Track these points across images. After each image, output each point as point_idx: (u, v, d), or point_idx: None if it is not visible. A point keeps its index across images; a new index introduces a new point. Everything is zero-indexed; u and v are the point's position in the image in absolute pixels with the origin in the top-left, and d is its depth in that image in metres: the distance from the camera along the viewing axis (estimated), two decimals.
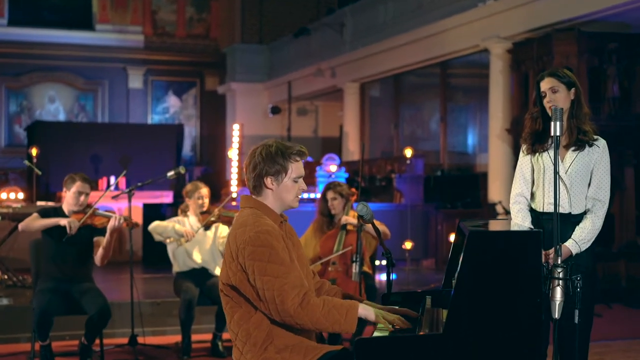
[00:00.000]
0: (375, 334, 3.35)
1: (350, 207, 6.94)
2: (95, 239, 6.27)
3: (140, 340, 6.97)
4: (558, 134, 3.76)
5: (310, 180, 12.75)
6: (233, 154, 12.83)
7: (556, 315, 3.49)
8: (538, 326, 2.91)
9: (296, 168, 3.54)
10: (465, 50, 13.10)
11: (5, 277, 9.22)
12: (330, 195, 6.91)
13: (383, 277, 9.81)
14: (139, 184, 7.16)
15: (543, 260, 3.34)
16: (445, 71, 14.94)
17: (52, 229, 6.15)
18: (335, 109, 19.54)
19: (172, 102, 21.99)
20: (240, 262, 3.36)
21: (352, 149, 16.40)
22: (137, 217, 11.62)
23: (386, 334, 3.32)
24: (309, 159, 16.52)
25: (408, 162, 12.52)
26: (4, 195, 10.38)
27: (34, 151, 10.73)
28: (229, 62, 21.04)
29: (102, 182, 12.72)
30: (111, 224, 6.09)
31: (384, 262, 10.47)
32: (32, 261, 6.36)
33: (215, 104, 21.46)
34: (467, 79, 15.60)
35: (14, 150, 19.40)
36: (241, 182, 12.66)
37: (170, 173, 7.01)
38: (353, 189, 7.14)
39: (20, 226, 6.24)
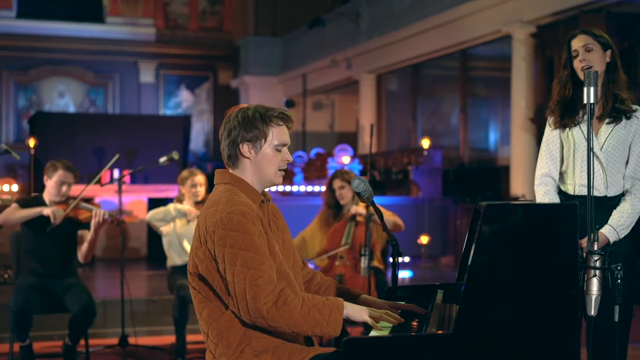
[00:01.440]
0: (372, 333, 2.77)
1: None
2: (79, 232, 5.75)
3: (132, 341, 6.47)
4: (592, 101, 3.19)
5: (321, 173, 12.21)
6: None
7: (592, 312, 2.90)
8: (574, 326, 2.29)
9: (278, 133, 3.02)
10: (486, 36, 12.62)
11: None
12: (337, 183, 6.37)
13: (402, 274, 9.28)
14: (130, 170, 6.63)
15: None
16: (465, 61, 14.40)
17: (32, 221, 5.62)
18: (352, 103, 19.08)
19: (184, 96, 21.58)
20: (209, 247, 2.84)
21: (368, 142, 15.84)
22: (142, 211, 11.14)
23: (385, 333, 2.74)
24: (320, 150, 16.02)
25: (425, 153, 11.97)
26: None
27: (31, 142, 10.25)
28: (242, 55, 20.70)
29: (105, 175, 12.23)
30: (94, 220, 5.58)
31: (403, 259, 10.01)
32: (12, 256, 5.90)
33: (228, 98, 20.98)
34: (489, 71, 15.08)
35: (23, 146, 18.95)
36: None
37: (163, 159, 6.48)
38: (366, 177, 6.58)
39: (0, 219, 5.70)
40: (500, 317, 2.30)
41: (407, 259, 10.63)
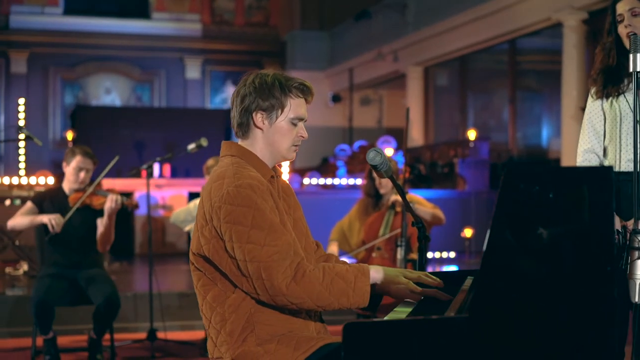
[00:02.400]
0: (390, 316, 2.47)
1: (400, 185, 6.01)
2: (98, 220, 5.53)
3: (161, 335, 6.26)
4: (639, 69, 2.84)
5: (365, 166, 11.88)
6: None
7: (637, 298, 2.56)
8: (608, 310, 1.96)
9: (296, 106, 2.76)
10: (536, 24, 12.22)
11: (25, 267, 8.62)
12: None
13: (447, 269, 8.95)
14: (158, 158, 6.45)
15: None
16: (514, 52, 13.95)
17: (48, 211, 5.45)
18: (400, 97, 18.74)
19: (230, 92, 21.22)
20: (215, 225, 2.59)
21: (415, 136, 15.57)
22: (183, 206, 10.95)
23: (403, 316, 2.44)
24: (364, 142, 15.70)
25: (472, 145, 11.58)
26: (32, 180, 9.78)
27: (69, 135, 10.12)
28: (289, 50, 20.53)
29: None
30: (107, 205, 5.39)
31: (449, 254, 9.61)
32: (37, 247, 5.75)
33: None
34: (539, 64, 14.67)
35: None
36: (292, 168, 11.84)
37: (192, 146, 6.29)
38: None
39: (9, 224, 5.52)
40: (522, 297, 1.98)
41: (452, 254, 10.36)
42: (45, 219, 5.34)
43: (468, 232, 9.29)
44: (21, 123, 10.34)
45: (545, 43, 13.22)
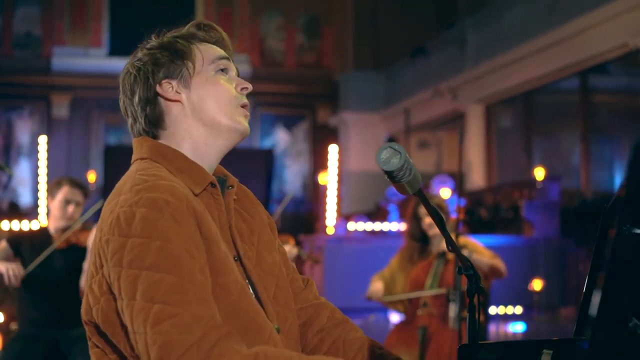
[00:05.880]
0: None
1: (453, 228, 4.96)
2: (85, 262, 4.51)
3: None
4: None
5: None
6: (327, 178, 10.40)
7: None
8: None
9: (208, 49, 1.86)
10: (610, 52, 11.37)
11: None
12: (424, 210, 5.14)
13: (512, 327, 7.99)
14: None
15: None
16: (586, 90, 12.96)
17: (24, 255, 4.49)
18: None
19: (281, 136, 20.84)
20: (105, 273, 1.65)
21: (476, 179, 14.76)
22: None
23: None
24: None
25: (539, 186, 10.58)
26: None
27: (91, 177, 9.25)
28: (342, 91, 20.01)
29: None
30: (91, 238, 4.39)
31: (515, 310, 8.55)
32: (16, 303, 4.85)
33: (327, 138, 20.15)
34: (612, 105, 13.75)
35: None
36: (339, 214, 10.76)
37: None
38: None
39: None
40: None
41: (518, 310, 9.45)
42: (2, 267, 4.29)
43: (537, 285, 8.27)
44: (43, 163, 9.59)
45: (619, 82, 12.46)
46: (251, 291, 1.75)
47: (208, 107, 1.79)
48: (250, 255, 1.81)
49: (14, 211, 14.67)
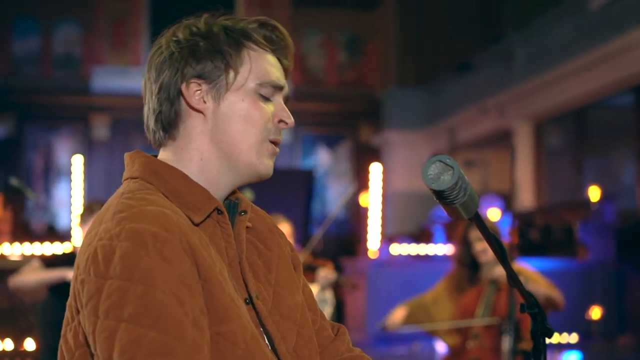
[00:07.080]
0: None
1: (507, 254, 4.50)
2: None
3: None
4: None
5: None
6: (369, 199, 9.95)
7: None
8: None
9: (262, 62, 1.54)
10: None
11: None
12: (475, 234, 4.79)
13: (567, 357, 7.56)
14: None
15: None
16: None
17: (61, 287, 4.26)
18: (507, 159, 17.54)
19: (322, 156, 20.59)
20: (81, 320, 1.37)
21: (525, 200, 14.35)
22: None
23: None
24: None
25: (594, 207, 10.03)
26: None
27: None
28: (385, 109, 19.67)
29: None
30: None
31: (569, 338, 8.12)
32: (40, 330, 4.77)
33: (370, 157, 19.82)
34: None
35: None
36: (382, 236, 10.29)
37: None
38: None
39: (12, 282, 4.50)
40: None
41: (574, 338, 8.92)
42: (70, 273, 4.08)
43: (596, 313, 7.74)
44: (79, 183, 9.30)
45: None
46: (266, 342, 1.42)
47: (232, 132, 1.47)
48: (266, 297, 1.47)
49: (51, 234, 14.47)
